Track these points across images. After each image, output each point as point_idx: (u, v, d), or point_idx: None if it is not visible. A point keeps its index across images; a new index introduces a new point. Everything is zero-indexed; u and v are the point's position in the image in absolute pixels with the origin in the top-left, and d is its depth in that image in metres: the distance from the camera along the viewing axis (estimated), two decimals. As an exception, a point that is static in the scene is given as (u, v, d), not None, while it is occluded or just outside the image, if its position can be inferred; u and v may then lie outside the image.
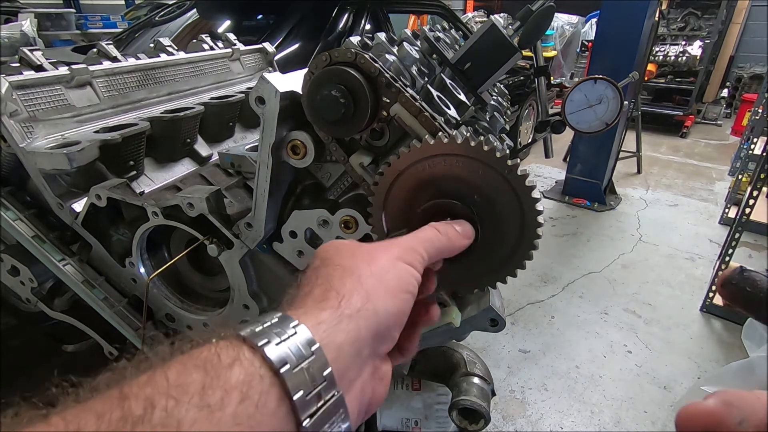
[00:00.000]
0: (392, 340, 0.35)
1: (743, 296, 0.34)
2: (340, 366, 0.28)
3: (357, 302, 0.32)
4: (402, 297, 0.35)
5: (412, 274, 0.36)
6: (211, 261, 0.84)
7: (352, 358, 0.30)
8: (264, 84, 0.60)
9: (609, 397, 1.90)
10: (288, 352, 0.26)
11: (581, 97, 1.24)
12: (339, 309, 0.31)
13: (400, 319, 0.35)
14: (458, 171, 0.49)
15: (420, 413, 0.94)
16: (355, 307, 0.31)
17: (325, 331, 0.29)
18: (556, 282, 2.65)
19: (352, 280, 0.33)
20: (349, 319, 0.30)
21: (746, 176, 3.28)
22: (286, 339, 0.26)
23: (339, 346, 0.29)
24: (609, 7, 3.19)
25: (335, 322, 0.30)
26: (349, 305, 0.31)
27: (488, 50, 0.82)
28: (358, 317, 0.31)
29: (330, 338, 0.28)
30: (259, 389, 0.24)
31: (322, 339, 0.28)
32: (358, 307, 0.31)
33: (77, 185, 0.90)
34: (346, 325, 0.30)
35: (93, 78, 0.95)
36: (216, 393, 0.23)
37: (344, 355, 0.29)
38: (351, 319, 0.30)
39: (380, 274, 0.35)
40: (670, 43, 5.76)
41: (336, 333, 0.29)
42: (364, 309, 0.31)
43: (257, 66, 1.53)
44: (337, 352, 0.28)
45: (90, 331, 1.03)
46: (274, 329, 0.27)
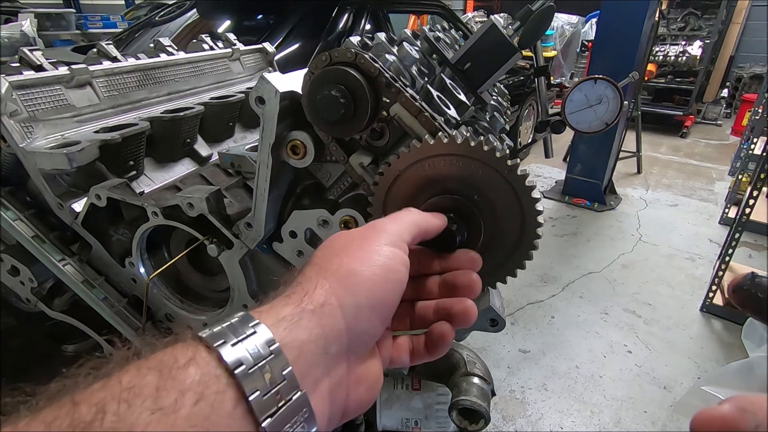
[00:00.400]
0: (374, 332, 0.33)
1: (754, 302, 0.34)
2: (302, 365, 0.27)
3: (320, 297, 0.30)
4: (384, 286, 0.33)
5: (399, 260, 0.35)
6: (211, 261, 0.84)
7: (316, 356, 0.28)
8: (264, 84, 0.60)
9: (609, 397, 1.90)
10: (245, 352, 0.25)
11: (581, 97, 1.24)
12: (300, 305, 0.29)
13: (381, 310, 0.33)
14: (458, 171, 0.49)
15: (420, 413, 0.94)
16: (317, 302, 0.30)
17: (286, 329, 0.28)
18: (556, 282, 2.65)
19: (321, 275, 0.32)
20: (312, 314, 0.29)
21: (746, 176, 3.28)
22: (243, 339, 0.26)
23: (300, 344, 0.28)
24: (609, 7, 3.19)
25: (296, 318, 0.29)
26: (311, 300, 0.30)
27: (488, 50, 0.82)
28: (322, 313, 0.29)
29: (291, 336, 0.27)
30: (215, 389, 0.23)
31: (282, 337, 0.27)
32: (321, 302, 0.30)
33: (77, 185, 0.90)
34: (308, 321, 0.29)
35: (93, 78, 0.95)
36: (170, 394, 0.22)
37: (306, 354, 0.28)
38: (314, 315, 0.29)
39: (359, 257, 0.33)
40: (670, 43, 5.76)
41: (297, 330, 0.28)
42: (328, 304, 0.30)
43: (257, 66, 1.53)
44: (298, 350, 0.27)
45: (90, 331, 1.03)
46: (233, 329, 0.26)
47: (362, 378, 0.33)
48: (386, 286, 0.33)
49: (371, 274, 0.32)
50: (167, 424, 0.21)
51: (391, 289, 0.34)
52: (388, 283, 0.33)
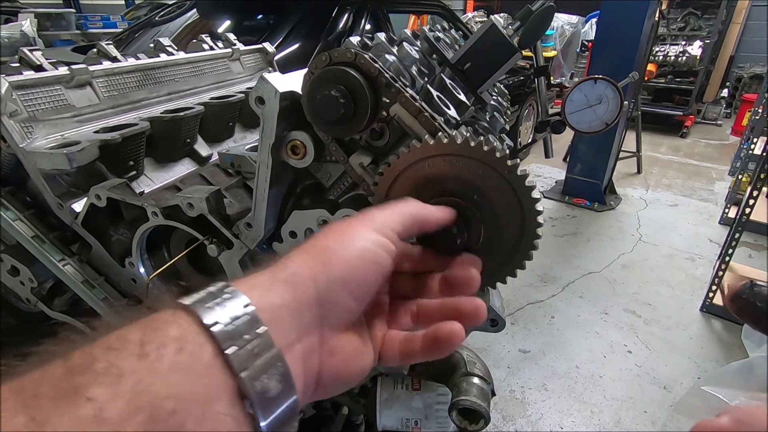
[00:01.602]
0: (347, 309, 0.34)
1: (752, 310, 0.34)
2: (274, 327, 0.28)
3: (293, 266, 0.32)
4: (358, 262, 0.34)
5: (379, 242, 0.36)
6: (211, 261, 0.84)
7: (288, 321, 0.30)
8: (264, 84, 0.60)
9: (609, 397, 1.90)
10: (221, 313, 0.27)
11: (581, 97, 1.24)
12: (274, 274, 0.32)
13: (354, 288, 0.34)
14: (458, 171, 0.49)
15: (420, 413, 0.94)
16: (290, 270, 0.32)
17: (259, 294, 0.30)
18: (556, 282, 2.65)
19: (301, 250, 0.34)
20: (284, 282, 0.31)
21: (746, 176, 3.28)
22: (220, 302, 0.28)
23: (272, 308, 0.29)
24: (609, 7, 3.19)
25: (268, 284, 0.31)
26: (285, 269, 0.32)
27: (488, 50, 0.82)
28: (293, 281, 0.32)
29: (264, 300, 0.29)
30: (195, 342, 0.25)
31: (256, 301, 0.29)
32: (293, 272, 0.32)
33: (77, 185, 0.90)
34: (280, 288, 0.31)
35: (93, 78, 0.95)
36: (153, 346, 0.24)
37: (278, 318, 0.30)
38: (285, 283, 0.31)
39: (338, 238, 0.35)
40: (670, 43, 5.76)
41: (270, 295, 0.30)
42: (299, 274, 0.32)
43: (257, 66, 1.53)
44: (270, 312, 0.29)
45: (90, 331, 1.03)
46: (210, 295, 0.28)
47: (336, 350, 0.34)
48: (361, 264, 0.34)
49: (344, 251, 0.34)
50: (152, 370, 0.23)
51: (367, 269, 0.35)
52: (364, 262, 0.35)
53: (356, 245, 0.35)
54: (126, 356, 0.23)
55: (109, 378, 0.22)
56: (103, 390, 0.22)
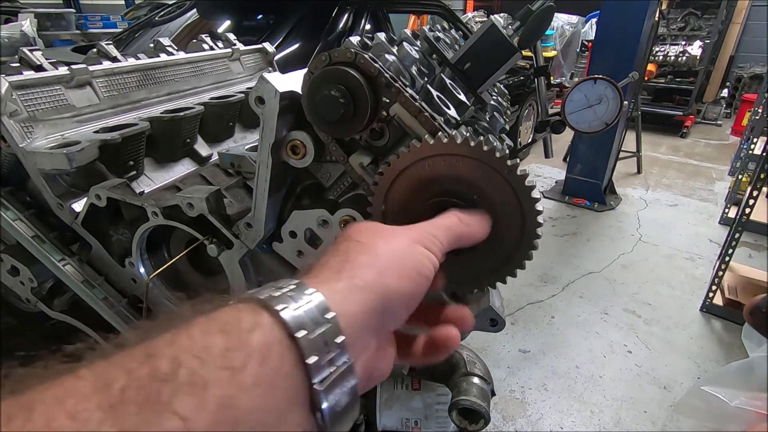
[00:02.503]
0: (399, 320, 0.35)
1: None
2: (351, 335, 0.29)
3: (369, 275, 0.32)
4: (415, 279, 0.35)
5: (428, 257, 0.37)
6: (211, 261, 0.84)
7: (362, 329, 0.30)
8: (263, 84, 0.60)
9: (609, 397, 1.90)
10: (304, 318, 0.27)
11: (581, 97, 1.24)
12: (353, 280, 0.32)
13: (409, 301, 0.35)
14: (458, 171, 0.49)
15: (420, 413, 0.94)
16: (368, 279, 0.32)
17: (339, 301, 0.29)
18: (556, 282, 2.65)
19: (367, 254, 0.34)
20: (362, 291, 0.31)
21: (746, 176, 3.28)
22: (302, 305, 0.27)
23: (352, 316, 0.30)
24: (609, 7, 3.19)
25: (349, 292, 0.31)
26: (362, 277, 0.32)
27: (488, 50, 0.82)
28: (370, 290, 0.32)
29: (343, 307, 0.29)
30: (278, 353, 0.25)
31: (337, 308, 0.29)
32: (371, 280, 0.32)
33: (77, 185, 0.90)
34: (359, 296, 0.31)
35: (93, 78, 0.95)
36: (238, 355, 0.24)
37: (355, 326, 0.30)
38: (363, 291, 0.31)
39: (396, 252, 0.35)
40: (670, 43, 5.76)
41: (349, 303, 0.30)
42: (376, 283, 0.32)
43: (257, 66, 1.53)
44: (348, 321, 0.29)
45: (90, 331, 1.03)
46: (292, 295, 0.28)
47: (382, 356, 0.35)
48: (419, 280, 0.35)
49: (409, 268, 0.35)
50: (235, 382, 0.23)
51: (422, 285, 0.36)
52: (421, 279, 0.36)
53: (415, 262, 0.36)
54: (210, 366, 0.23)
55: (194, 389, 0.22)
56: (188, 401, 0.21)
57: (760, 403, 0.80)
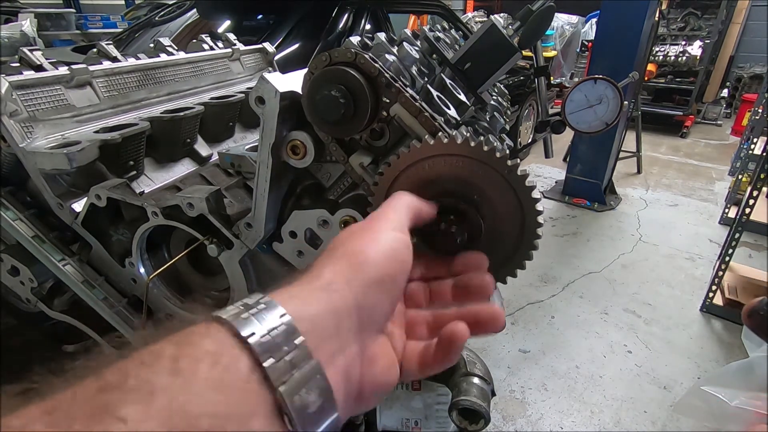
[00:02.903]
0: (383, 311, 0.34)
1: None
2: (313, 338, 0.28)
3: (329, 274, 0.32)
4: (388, 263, 0.34)
5: (398, 239, 0.36)
6: (211, 261, 0.84)
7: (328, 330, 0.29)
8: (264, 84, 0.60)
9: (609, 397, 1.90)
10: (256, 324, 0.26)
11: (581, 97, 1.24)
12: (311, 283, 0.31)
13: (387, 287, 0.34)
14: (458, 171, 0.49)
15: (420, 413, 0.94)
16: (327, 279, 0.31)
17: (295, 305, 0.29)
18: (556, 282, 2.65)
19: (328, 254, 0.34)
20: (320, 291, 0.30)
21: (746, 176, 3.28)
22: (255, 313, 0.27)
23: (311, 318, 0.29)
24: (609, 7, 3.19)
25: (305, 294, 0.30)
26: (320, 278, 0.31)
27: (488, 50, 0.82)
28: (331, 290, 0.31)
29: (301, 310, 0.28)
30: (230, 355, 0.24)
31: (293, 312, 0.28)
32: (329, 280, 0.31)
33: (77, 185, 0.90)
34: (317, 298, 0.30)
35: (93, 78, 0.95)
36: (187, 361, 0.23)
37: (318, 327, 0.29)
38: (322, 292, 0.30)
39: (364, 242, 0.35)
40: (670, 43, 5.76)
41: (307, 306, 0.29)
42: (335, 282, 0.31)
43: (257, 66, 1.53)
44: (309, 323, 0.28)
45: (90, 331, 1.03)
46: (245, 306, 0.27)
47: (376, 358, 0.34)
48: (391, 264, 0.35)
49: (375, 253, 0.34)
50: (185, 386, 0.22)
51: (397, 267, 0.35)
52: (394, 262, 0.35)
53: (383, 246, 0.35)
54: (158, 372, 0.23)
55: (140, 395, 0.21)
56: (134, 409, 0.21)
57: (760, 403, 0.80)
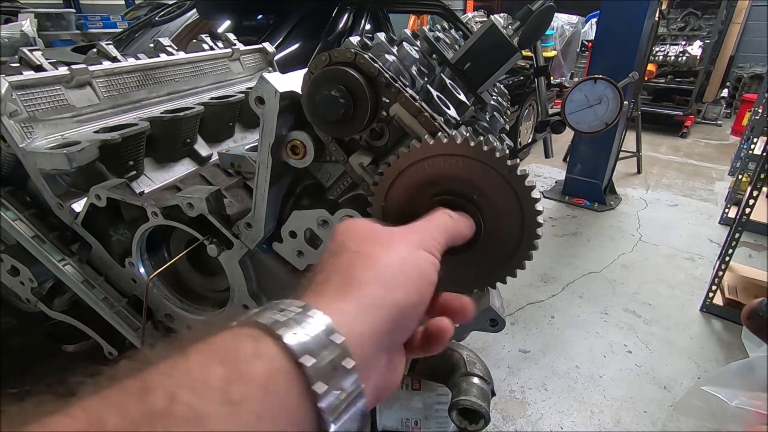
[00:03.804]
0: (410, 331, 0.35)
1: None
2: (361, 358, 0.27)
3: (378, 292, 0.31)
4: (422, 287, 0.34)
5: (431, 262, 0.36)
6: (211, 261, 0.84)
7: (372, 350, 0.29)
8: (263, 84, 0.60)
9: (609, 397, 1.90)
10: (311, 344, 0.25)
11: (581, 97, 1.24)
12: (360, 300, 0.30)
13: (419, 311, 0.34)
14: (458, 171, 0.49)
15: (420, 413, 0.94)
16: (376, 297, 0.31)
17: (348, 323, 0.28)
18: (556, 282, 2.65)
19: (371, 268, 0.32)
20: (369, 309, 0.30)
21: (746, 176, 3.28)
22: (308, 330, 0.26)
23: (361, 337, 0.28)
24: (609, 7, 3.19)
25: (356, 313, 0.29)
26: (370, 295, 0.30)
27: (488, 50, 0.82)
28: (379, 308, 0.30)
29: (352, 329, 0.28)
30: (283, 384, 0.24)
31: (345, 330, 0.27)
32: (380, 298, 0.31)
33: (77, 185, 0.90)
34: (367, 316, 0.29)
35: (93, 78, 0.95)
36: (238, 388, 0.22)
37: (365, 347, 0.28)
38: (371, 310, 0.30)
39: (400, 262, 0.34)
40: (670, 43, 5.76)
41: (358, 324, 0.28)
42: (384, 300, 0.31)
43: (257, 66, 1.53)
44: (359, 343, 0.28)
45: (90, 331, 1.03)
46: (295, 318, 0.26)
47: (392, 370, 0.34)
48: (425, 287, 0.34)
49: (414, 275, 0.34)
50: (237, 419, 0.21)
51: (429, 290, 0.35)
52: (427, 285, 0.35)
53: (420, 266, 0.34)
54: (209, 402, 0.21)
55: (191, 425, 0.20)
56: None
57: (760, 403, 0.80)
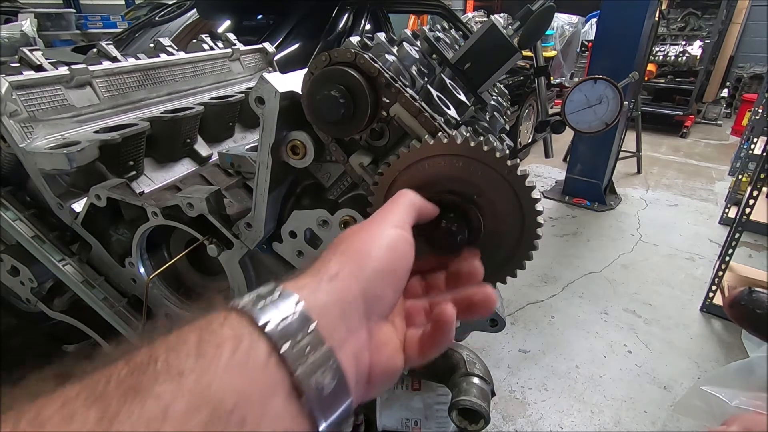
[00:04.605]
0: (387, 301, 0.36)
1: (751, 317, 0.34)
2: (325, 324, 0.29)
3: (335, 267, 0.34)
4: (392, 257, 0.36)
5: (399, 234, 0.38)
6: (211, 261, 0.84)
7: (337, 317, 0.31)
8: (263, 84, 0.60)
9: (609, 397, 1.90)
10: (272, 312, 0.28)
11: (581, 97, 1.24)
12: (318, 275, 0.33)
13: (390, 278, 0.36)
14: (458, 171, 0.49)
15: (420, 413, 0.94)
16: (333, 271, 0.33)
17: (307, 293, 0.30)
18: (556, 282, 2.65)
19: (333, 249, 0.36)
20: (329, 281, 0.32)
21: (746, 176, 3.28)
22: (270, 302, 0.29)
23: (322, 306, 0.30)
24: (609, 7, 3.19)
25: (314, 284, 0.32)
26: (327, 270, 0.33)
27: (488, 50, 0.82)
28: (338, 279, 0.33)
29: (312, 298, 0.30)
30: (248, 342, 0.26)
31: (305, 300, 0.30)
32: (336, 271, 0.33)
33: (77, 185, 0.90)
34: (326, 286, 0.32)
35: (93, 78, 0.95)
36: (209, 346, 0.25)
37: (329, 315, 0.30)
38: (331, 281, 0.32)
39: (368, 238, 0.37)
40: (670, 43, 5.76)
41: (317, 294, 0.31)
42: (342, 272, 0.33)
43: (257, 66, 1.53)
44: (320, 310, 0.30)
45: (90, 331, 1.03)
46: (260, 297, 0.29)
47: (382, 344, 0.35)
48: (393, 256, 0.37)
49: (375, 249, 0.36)
50: (209, 370, 0.24)
51: (398, 259, 0.37)
52: (395, 254, 0.37)
53: (383, 242, 0.37)
54: (185, 356, 0.25)
55: (170, 376, 0.23)
56: (166, 387, 0.23)
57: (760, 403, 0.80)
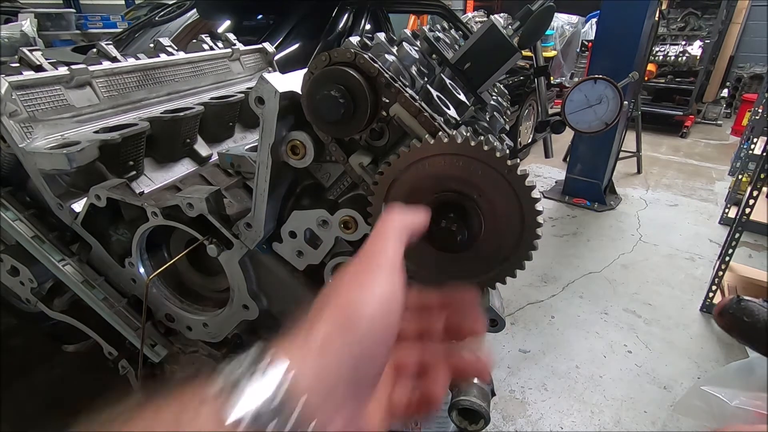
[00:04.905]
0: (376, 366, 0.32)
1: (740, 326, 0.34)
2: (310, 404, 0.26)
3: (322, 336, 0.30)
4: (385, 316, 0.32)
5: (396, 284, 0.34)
6: (211, 261, 0.84)
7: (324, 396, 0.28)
8: (263, 84, 0.60)
9: (609, 397, 1.89)
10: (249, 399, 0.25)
11: (581, 97, 1.24)
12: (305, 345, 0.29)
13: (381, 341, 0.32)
14: (458, 171, 0.49)
15: (420, 413, 0.94)
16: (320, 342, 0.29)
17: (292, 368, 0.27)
18: (556, 282, 2.65)
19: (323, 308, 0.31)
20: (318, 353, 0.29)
21: (746, 176, 3.28)
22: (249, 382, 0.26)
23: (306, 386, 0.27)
24: (609, 7, 3.19)
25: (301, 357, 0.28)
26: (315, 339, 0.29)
27: (488, 50, 0.82)
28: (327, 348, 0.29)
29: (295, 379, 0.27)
30: None
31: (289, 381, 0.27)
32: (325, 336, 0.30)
33: (77, 185, 0.90)
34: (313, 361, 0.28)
35: (93, 78, 0.95)
36: None
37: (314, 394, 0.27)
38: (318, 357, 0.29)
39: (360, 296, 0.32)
40: (670, 43, 5.76)
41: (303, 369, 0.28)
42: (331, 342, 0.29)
43: (257, 66, 1.53)
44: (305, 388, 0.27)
45: (90, 331, 1.03)
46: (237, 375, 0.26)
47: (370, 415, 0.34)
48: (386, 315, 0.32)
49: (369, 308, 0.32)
50: None
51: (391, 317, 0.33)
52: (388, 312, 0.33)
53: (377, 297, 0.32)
54: None
55: None
56: None
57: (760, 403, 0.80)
